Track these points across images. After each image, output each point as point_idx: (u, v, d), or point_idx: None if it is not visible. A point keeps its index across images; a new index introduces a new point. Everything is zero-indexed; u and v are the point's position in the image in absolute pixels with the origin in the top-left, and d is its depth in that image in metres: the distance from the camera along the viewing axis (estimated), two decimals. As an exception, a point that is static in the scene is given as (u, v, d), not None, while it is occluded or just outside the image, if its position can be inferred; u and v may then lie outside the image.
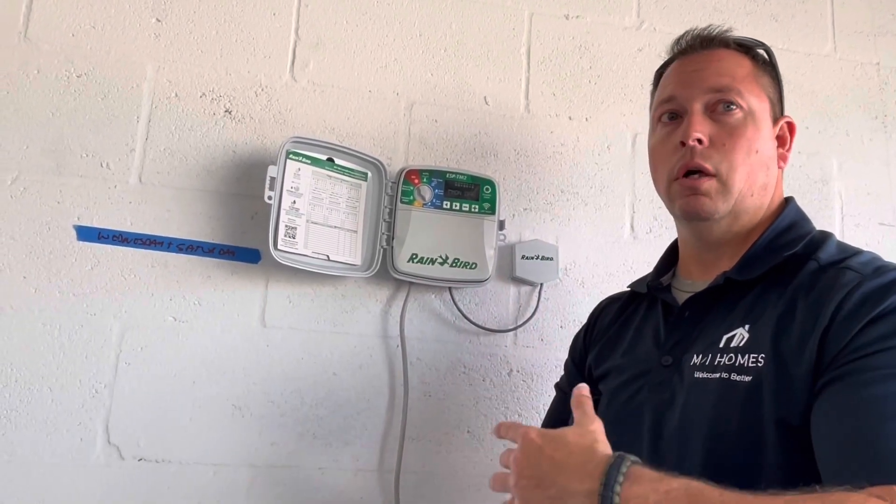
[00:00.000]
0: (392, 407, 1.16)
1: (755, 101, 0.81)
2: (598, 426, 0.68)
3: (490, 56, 1.29)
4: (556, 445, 0.65)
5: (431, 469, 1.16)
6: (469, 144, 1.26)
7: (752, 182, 0.80)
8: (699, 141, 0.79)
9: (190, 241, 1.13)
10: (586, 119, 1.31)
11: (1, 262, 1.07)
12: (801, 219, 0.83)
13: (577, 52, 1.33)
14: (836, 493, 0.54)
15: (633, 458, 0.61)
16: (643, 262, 1.27)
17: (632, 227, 1.29)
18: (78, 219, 1.11)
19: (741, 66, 0.83)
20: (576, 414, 0.70)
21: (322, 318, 1.16)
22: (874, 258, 0.73)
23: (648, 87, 1.34)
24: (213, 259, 1.14)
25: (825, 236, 0.79)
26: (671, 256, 0.95)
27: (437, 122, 1.25)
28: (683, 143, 0.81)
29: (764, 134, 0.81)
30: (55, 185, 1.11)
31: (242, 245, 1.15)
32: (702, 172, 0.80)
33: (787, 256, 0.76)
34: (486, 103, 1.28)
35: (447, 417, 1.18)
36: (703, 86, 0.82)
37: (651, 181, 1.28)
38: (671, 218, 1.27)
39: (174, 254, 1.12)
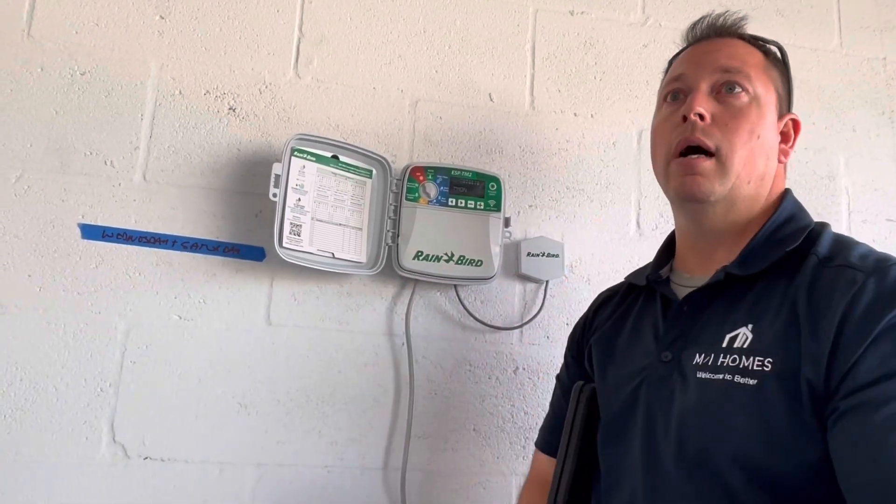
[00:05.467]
0: (398, 405, 1.15)
1: (762, 89, 0.80)
2: None
3: (495, 52, 1.29)
4: None
5: (437, 467, 1.15)
6: (474, 141, 1.25)
7: (752, 168, 0.79)
8: (701, 117, 0.78)
9: (194, 238, 1.13)
10: (591, 115, 1.31)
11: (5, 260, 1.07)
12: (799, 210, 0.82)
13: (583, 48, 1.33)
14: None
15: None
16: (649, 259, 1.27)
17: (638, 223, 1.29)
18: (82, 217, 1.10)
19: (752, 55, 0.83)
20: None
21: (327, 316, 1.15)
22: (870, 250, 0.72)
23: (654, 83, 1.34)
24: (218, 257, 1.13)
25: (822, 228, 0.78)
26: (668, 249, 0.93)
27: (441, 119, 1.25)
28: (685, 119, 0.79)
29: (768, 122, 0.80)
30: (59, 184, 1.10)
31: (247, 243, 1.14)
32: (700, 150, 0.78)
33: (788, 251, 0.75)
34: (491, 100, 1.27)
35: (453, 415, 1.17)
36: (713, 65, 0.81)
37: (655, 178, 1.29)
38: (677, 214, 1.27)
39: (179, 252, 1.12)
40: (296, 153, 1.12)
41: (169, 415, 1.08)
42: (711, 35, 0.86)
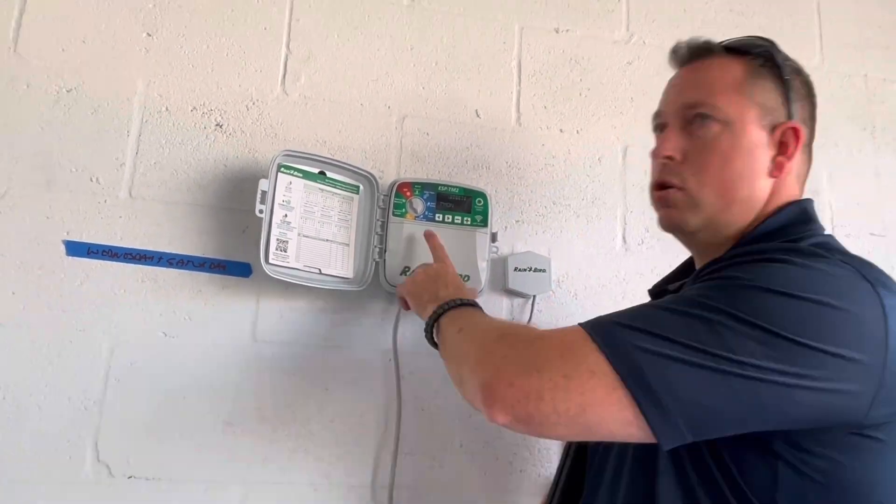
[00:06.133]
0: (385, 421, 1.15)
1: (735, 112, 0.79)
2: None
3: (481, 69, 1.30)
4: (438, 273, 1.02)
5: (425, 484, 1.15)
6: (461, 157, 1.26)
7: (729, 196, 0.79)
8: (671, 157, 0.81)
9: (180, 255, 1.12)
10: (577, 131, 1.32)
11: (-11, 277, 1.06)
12: (798, 223, 0.79)
13: (568, 65, 1.34)
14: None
15: (468, 302, 0.90)
16: (635, 274, 1.28)
17: (623, 238, 1.30)
18: (67, 234, 1.10)
19: (727, 73, 0.81)
20: (438, 254, 1.08)
21: (314, 333, 1.15)
22: (791, 246, 0.71)
23: (638, 99, 1.36)
24: (204, 273, 1.13)
25: (806, 236, 0.75)
26: (689, 264, 0.94)
27: (428, 135, 1.25)
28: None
29: (744, 145, 0.79)
30: (44, 200, 1.10)
31: (233, 259, 1.14)
32: (670, 185, 0.82)
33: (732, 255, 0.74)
34: (478, 116, 1.28)
35: (441, 431, 1.17)
36: (679, 101, 0.83)
37: (641, 193, 1.31)
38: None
39: (164, 268, 1.12)
40: (283, 169, 1.12)
41: (154, 433, 1.07)
42: (684, 59, 0.86)
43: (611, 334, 0.63)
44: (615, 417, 0.61)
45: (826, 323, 0.61)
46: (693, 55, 0.85)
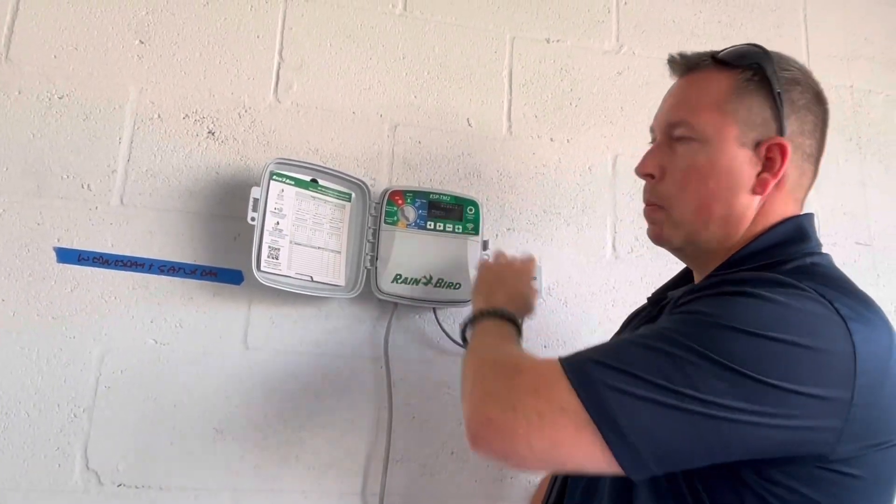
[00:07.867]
0: (376, 429, 1.15)
1: (712, 130, 0.77)
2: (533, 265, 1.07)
3: (473, 79, 1.31)
4: (511, 270, 1.04)
5: (416, 491, 1.15)
6: (452, 165, 1.27)
7: (706, 215, 0.78)
8: (652, 175, 0.83)
9: (172, 262, 1.12)
10: (567, 140, 1.33)
11: (-22, 284, 1.06)
12: (791, 241, 0.76)
13: (558, 75, 1.35)
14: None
15: (508, 315, 0.92)
16: (625, 282, 1.29)
17: (613, 246, 1.31)
18: (58, 241, 1.10)
19: (712, 88, 0.79)
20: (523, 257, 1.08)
21: (305, 340, 1.15)
22: (764, 276, 0.70)
23: (628, 109, 1.37)
24: (196, 280, 1.13)
25: (795, 258, 0.74)
26: (689, 270, 0.93)
27: (420, 144, 1.26)
28: None
29: (723, 163, 0.77)
30: (35, 207, 1.10)
31: (225, 266, 1.14)
32: (653, 203, 0.84)
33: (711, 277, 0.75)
34: (469, 125, 1.29)
35: (431, 439, 1.17)
36: (664, 119, 0.83)
37: (630, 202, 1.32)
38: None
39: (155, 275, 1.12)
40: (275, 177, 1.12)
41: (144, 441, 1.07)
42: (679, 73, 0.85)
43: (583, 371, 0.64)
44: (585, 453, 0.63)
45: (790, 362, 0.62)
46: (685, 68, 0.84)
